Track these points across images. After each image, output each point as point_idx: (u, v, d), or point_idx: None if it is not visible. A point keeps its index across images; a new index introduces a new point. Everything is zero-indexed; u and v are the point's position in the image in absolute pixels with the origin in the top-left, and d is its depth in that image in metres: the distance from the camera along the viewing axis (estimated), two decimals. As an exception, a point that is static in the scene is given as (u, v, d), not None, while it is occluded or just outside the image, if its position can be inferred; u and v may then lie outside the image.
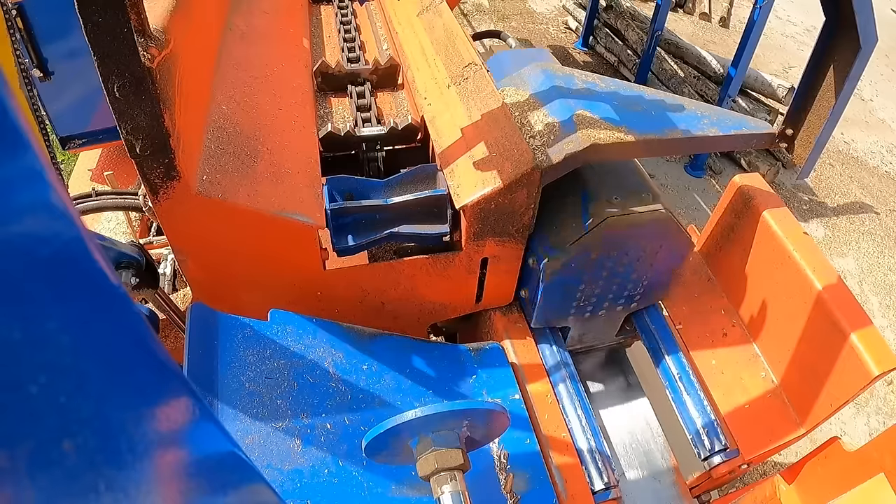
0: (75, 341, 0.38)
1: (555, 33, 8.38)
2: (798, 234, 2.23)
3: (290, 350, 1.78)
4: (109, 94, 1.32)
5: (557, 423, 2.06)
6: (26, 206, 0.35)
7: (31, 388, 0.35)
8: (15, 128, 0.34)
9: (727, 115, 2.23)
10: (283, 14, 2.62)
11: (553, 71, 2.25)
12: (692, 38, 8.18)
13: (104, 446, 0.41)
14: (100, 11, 1.19)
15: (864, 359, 1.91)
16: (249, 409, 1.63)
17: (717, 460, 2.16)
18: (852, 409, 4.44)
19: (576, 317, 2.34)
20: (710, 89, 6.50)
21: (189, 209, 1.62)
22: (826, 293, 2.05)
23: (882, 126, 7.53)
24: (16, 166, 0.34)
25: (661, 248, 2.17)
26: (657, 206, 2.07)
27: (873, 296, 5.27)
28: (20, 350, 0.34)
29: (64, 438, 0.38)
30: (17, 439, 0.34)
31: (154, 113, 1.39)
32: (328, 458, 1.64)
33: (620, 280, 2.23)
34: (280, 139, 1.93)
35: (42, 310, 0.36)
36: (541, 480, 1.83)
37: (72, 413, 0.38)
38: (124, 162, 3.37)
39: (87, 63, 1.28)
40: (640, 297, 2.38)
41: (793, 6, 9.28)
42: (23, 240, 0.34)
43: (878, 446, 1.81)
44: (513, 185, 1.87)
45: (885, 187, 6.52)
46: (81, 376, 0.39)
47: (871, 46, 1.93)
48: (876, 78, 8.25)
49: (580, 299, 2.25)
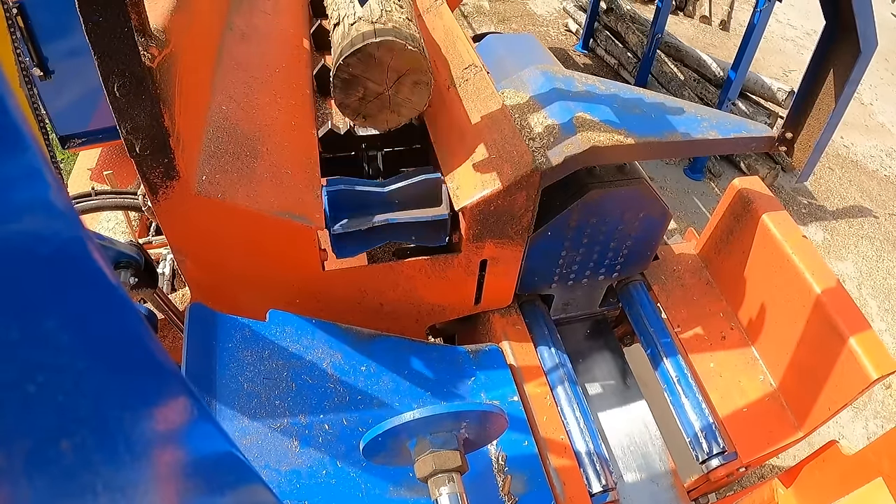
0: (73, 340, 0.38)
1: (555, 35, 8.39)
2: (797, 237, 2.23)
3: (289, 351, 1.78)
4: (109, 93, 1.32)
5: (556, 426, 2.06)
6: (26, 204, 0.35)
7: (29, 387, 0.35)
8: (15, 127, 0.34)
9: (727, 119, 2.23)
10: (283, 14, 2.62)
11: (553, 73, 2.25)
12: (692, 41, 8.20)
13: (102, 446, 0.41)
14: (100, 11, 1.19)
15: (862, 362, 1.91)
16: (247, 410, 1.63)
17: (715, 463, 2.16)
18: (850, 412, 4.44)
19: (559, 284, 2.43)
20: (710, 92, 6.51)
21: (188, 209, 1.62)
22: (825, 297, 2.06)
23: (881, 130, 7.54)
24: (15, 165, 0.34)
25: (640, 218, 2.26)
26: (636, 178, 2.16)
27: (872, 299, 5.27)
28: (18, 349, 0.34)
29: (62, 437, 0.37)
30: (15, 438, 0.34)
31: (154, 113, 1.39)
32: (326, 458, 1.64)
33: (601, 248, 2.32)
34: (280, 139, 1.93)
35: (40, 308, 0.36)
36: (539, 482, 1.83)
37: (70, 412, 0.38)
38: (124, 161, 3.37)
39: (87, 62, 1.28)
40: (620, 267, 2.46)
41: (793, 10, 9.29)
42: (22, 238, 0.34)
43: (876, 450, 1.81)
44: (512, 187, 1.87)
45: (884, 191, 6.53)
46: (79, 375, 0.39)
47: (871, 50, 1.93)
48: (876, 82, 8.27)
49: (562, 266, 2.33)
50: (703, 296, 2.56)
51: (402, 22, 2.01)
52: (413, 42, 1.90)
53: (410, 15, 2.16)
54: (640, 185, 2.15)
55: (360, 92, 1.91)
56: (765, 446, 2.15)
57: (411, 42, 1.89)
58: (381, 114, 1.98)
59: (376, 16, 1.98)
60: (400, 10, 2.11)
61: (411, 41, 1.90)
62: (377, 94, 1.93)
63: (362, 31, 1.88)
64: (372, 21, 1.94)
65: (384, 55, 1.84)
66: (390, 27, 1.90)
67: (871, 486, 1.76)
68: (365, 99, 1.93)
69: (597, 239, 2.27)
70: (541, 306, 2.49)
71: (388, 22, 1.95)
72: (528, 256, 2.18)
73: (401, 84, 1.92)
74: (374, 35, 1.84)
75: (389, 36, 1.83)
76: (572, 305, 2.60)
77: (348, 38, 1.90)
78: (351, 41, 1.86)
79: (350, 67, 1.85)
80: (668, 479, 2.30)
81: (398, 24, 1.96)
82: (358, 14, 2.01)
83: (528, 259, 2.20)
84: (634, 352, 2.80)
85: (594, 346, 2.73)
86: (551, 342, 2.35)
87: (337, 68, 1.86)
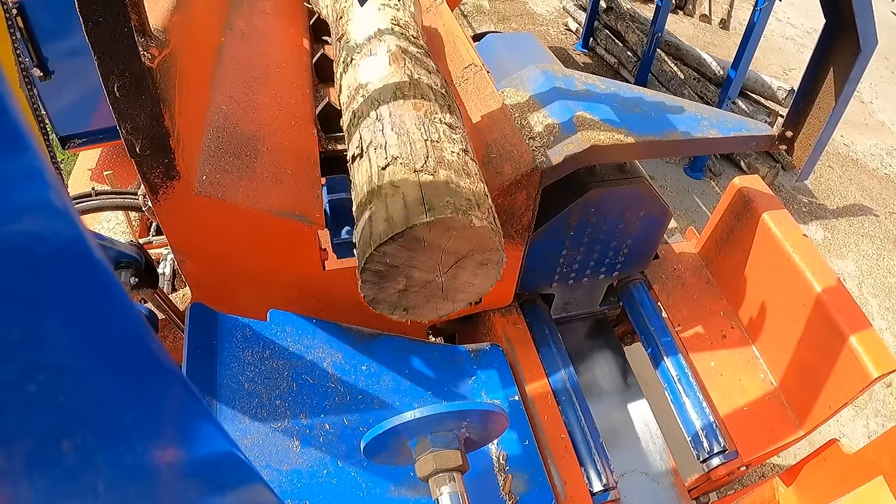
0: (74, 340, 0.38)
1: (555, 35, 8.39)
2: (797, 236, 2.23)
3: (290, 350, 1.78)
4: (109, 93, 1.32)
5: (556, 425, 2.06)
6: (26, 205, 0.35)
7: (29, 387, 0.35)
8: (15, 127, 0.34)
9: (727, 117, 2.23)
10: (283, 14, 2.62)
11: (553, 72, 2.25)
12: (692, 39, 8.19)
13: (103, 446, 0.41)
14: (100, 11, 1.19)
15: (863, 361, 1.91)
16: (248, 410, 1.63)
17: (716, 462, 2.16)
18: (851, 411, 4.44)
19: (560, 283, 2.43)
20: (710, 91, 6.50)
21: (189, 209, 1.62)
22: (825, 295, 2.06)
23: (881, 128, 7.53)
24: (16, 165, 0.34)
25: (640, 217, 2.26)
26: (636, 177, 2.16)
27: (872, 298, 5.27)
28: (19, 349, 0.34)
29: (63, 438, 0.37)
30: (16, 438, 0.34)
31: (154, 113, 1.39)
32: (327, 458, 1.64)
33: (601, 247, 2.31)
34: (280, 139, 1.93)
35: (41, 309, 0.36)
36: (540, 481, 1.83)
37: (70, 412, 0.38)
38: (124, 161, 3.37)
39: (87, 62, 1.28)
40: (620, 266, 2.46)
41: (793, 8, 9.28)
42: (22, 238, 0.34)
43: (876, 449, 1.81)
44: (512, 186, 1.87)
45: (885, 189, 6.53)
46: (80, 376, 0.39)
47: (870, 49, 1.93)
48: (875, 80, 8.26)
49: (563, 265, 2.33)
50: (703, 295, 2.56)
51: (458, 161, 1.38)
52: (479, 207, 1.29)
53: (464, 140, 1.49)
54: (641, 184, 2.15)
55: (400, 283, 1.34)
56: (765, 445, 2.15)
57: (477, 210, 1.28)
58: (430, 303, 1.42)
59: (419, 156, 1.32)
60: (451, 136, 1.44)
61: (477, 207, 1.28)
62: (425, 282, 1.35)
63: (403, 195, 1.25)
64: (415, 167, 1.30)
65: (438, 238, 1.25)
66: (442, 180, 1.28)
67: (871, 484, 1.76)
68: (407, 291, 1.36)
69: (597, 238, 2.27)
70: (541, 305, 2.49)
71: (437, 168, 1.31)
72: (528, 255, 2.18)
73: (460, 268, 1.35)
74: (421, 206, 1.22)
75: (446, 211, 1.22)
76: (573, 304, 2.60)
77: (381, 202, 1.27)
78: (387, 216, 1.23)
79: (387, 258, 1.26)
80: (669, 477, 2.30)
81: (453, 172, 1.33)
82: (389, 143, 1.36)
83: (528, 258, 2.20)
84: (635, 351, 2.80)
85: (595, 345, 2.73)
86: (552, 341, 2.35)
87: (367, 259, 1.25)
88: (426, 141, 1.37)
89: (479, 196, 1.33)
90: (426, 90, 1.57)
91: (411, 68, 1.63)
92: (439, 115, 1.50)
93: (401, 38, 1.78)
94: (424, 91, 1.56)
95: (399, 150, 1.34)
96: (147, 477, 0.46)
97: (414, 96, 1.51)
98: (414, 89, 1.55)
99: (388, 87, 1.55)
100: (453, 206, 1.23)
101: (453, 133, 1.47)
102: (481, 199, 1.34)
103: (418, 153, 1.33)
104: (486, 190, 1.43)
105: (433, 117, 1.47)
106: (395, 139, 1.37)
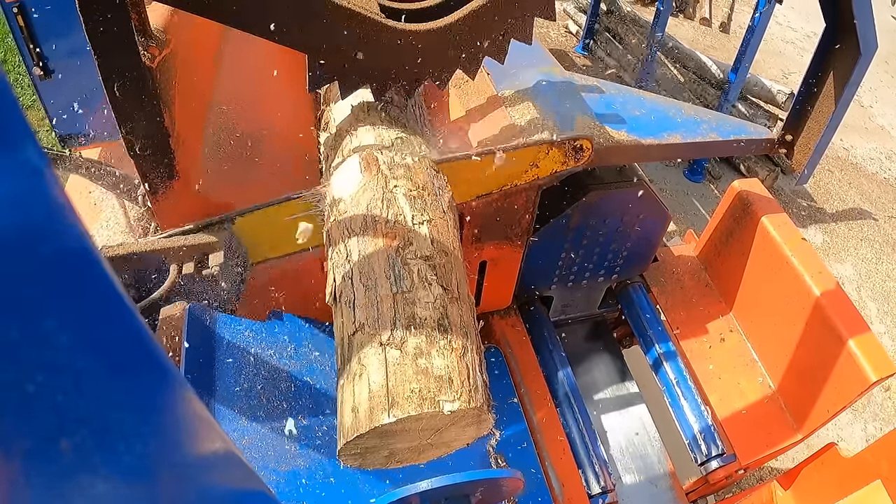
0: (73, 340, 0.38)
1: (555, 37, 8.40)
2: (796, 239, 2.23)
3: (289, 351, 1.78)
4: (109, 93, 1.32)
5: (554, 427, 2.06)
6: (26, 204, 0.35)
7: (28, 387, 0.35)
8: (19, 123, 0.34)
9: (727, 121, 2.23)
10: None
11: (553, 75, 2.25)
12: (692, 43, 8.20)
13: (101, 446, 0.41)
14: (101, 11, 1.19)
15: (861, 365, 1.91)
16: (247, 410, 1.63)
17: (714, 465, 2.16)
18: (849, 415, 4.44)
19: (559, 286, 2.43)
20: (710, 94, 6.51)
21: (188, 209, 1.62)
22: (824, 299, 2.06)
23: (881, 132, 7.54)
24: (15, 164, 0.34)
25: (639, 220, 2.26)
26: (636, 180, 2.16)
27: (871, 302, 5.27)
28: (18, 348, 0.34)
29: (61, 437, 0.37)
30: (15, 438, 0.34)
31: (154, 113, 1.39)
32: (326, 459, 1.64)
33: (600, 249, 2.32)
34: (280, 139, 1.93)
35: (40, 308, 0.36)
36: (538, 484, 1.83)
37: (69, 412, 0.38)
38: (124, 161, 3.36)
39: (87, 62, 1.28)
40: (619, 268, 2.46)
41: (793, 12, 9.30)
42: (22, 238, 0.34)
43: (874, 453, 1.81)
44: (512, 188, 1.87)
45: (884, 194, 6.53)
46: (79, 375, 0.39)
47: (871, 53, 1.93)
48: (875, 84, 8.27)
49: (562, 267, 2.33)
50: (702, 298, 2.56)
51: (433, 315, 1.22)
52: (451, 383, 1.14)
53: (447, 266, 1.32)
54: (640, 186, 2.15)
55: (383, 453, 1.24)
56: (763, 448, 2.15)
57: (449, 389, 1.13)
58: (423, 454, 1.31)
59: (386, 321, 1.19)
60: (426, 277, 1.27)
61: (449, 385, 1.13)
62: (409, 448, 1.26)
63: (368, 380, 1.14)
64: (381, 339, 1.17)
65: (408, 425, 1.13)
66: (410, 355, 1.15)
67: (869, 488, 1.76)
68: (393, 456, 1.27)
69: (596, 240, 2.27)
70: (540, 308, 2.49)
71: (406, 338, 1.17)
72: (527, 258, 2.18)
73: (444, 431, 1.23)
74: (384, 400, 1.10)
75: (410, 407, 1.09)
76: (572, 307, 2.60)
77: (350, 381, 1.18)
78: (353, 405, 1.14)
79: (360, 447, 1.18)
80: (667, 480, 2.30)
81: (425, 336, 1.18)
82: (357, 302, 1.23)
83: (527, 260, 2.20)
84: (633, 353, 2.80)
85: (593, 347, 2.73)
86: (550, 344, 2.35)
87: (340, 450, 1.18)
88: (395, 295, 1.22)
89: (453, 364, 1.16)
90: (402, 205, 1.37)
91: (386, 174, 1.43)
92: (414, 245, 1.30)
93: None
94: (399, 209, 1.36)
95: (366, 315, 1.21)
96: (145, 477, 0.46)
97: (386, 221, 1.33)
98: (387, 208, 1.36)
99: (359, 215, 1.37)
100: (419, 396, 1.10)
101: (430, 271, 1.28)
102: (456, 365, 1.16)
103: (385, 317, 1.20)
104: (472, 331, 1.27)
105: (406, 252, 1.29)
106: (362, 295, 1.24)
